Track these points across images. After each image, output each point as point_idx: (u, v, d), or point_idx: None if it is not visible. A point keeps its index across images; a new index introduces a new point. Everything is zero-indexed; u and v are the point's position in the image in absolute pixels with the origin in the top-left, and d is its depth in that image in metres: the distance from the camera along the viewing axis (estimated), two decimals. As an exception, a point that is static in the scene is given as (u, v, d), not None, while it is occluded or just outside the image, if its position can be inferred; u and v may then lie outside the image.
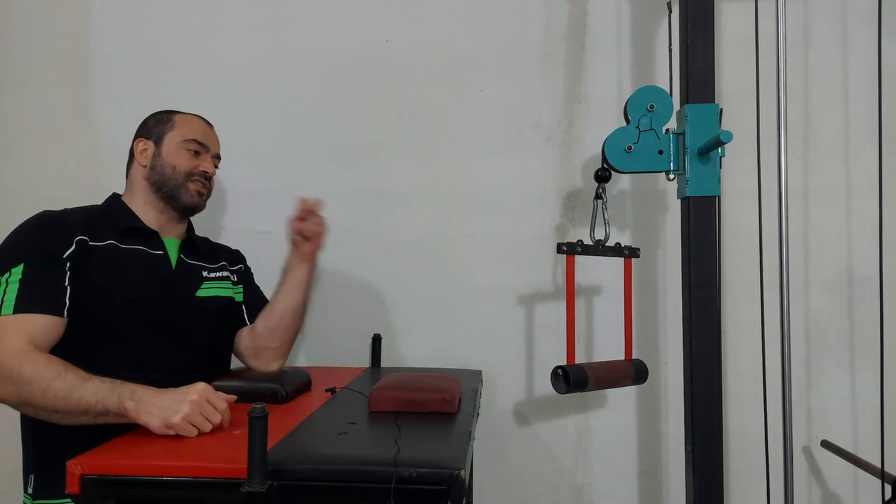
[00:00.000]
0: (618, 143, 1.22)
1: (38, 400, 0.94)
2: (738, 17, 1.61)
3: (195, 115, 1.27)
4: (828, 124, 1.62)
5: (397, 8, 1.69)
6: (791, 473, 1.25)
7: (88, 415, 0.94)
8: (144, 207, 1.20)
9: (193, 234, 1.30)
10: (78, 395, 0.93)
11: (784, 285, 1.25)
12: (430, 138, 1.68)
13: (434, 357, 1.65)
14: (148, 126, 1.24)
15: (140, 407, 0.92)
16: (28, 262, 1.02)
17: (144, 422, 0.91)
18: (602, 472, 1.64)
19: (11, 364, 0.95)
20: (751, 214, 1.43)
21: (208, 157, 1.25)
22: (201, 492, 0.78)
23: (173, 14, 1.71)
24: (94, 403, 0.93)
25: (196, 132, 1.23)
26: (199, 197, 1.23)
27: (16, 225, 1.08)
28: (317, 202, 1.24)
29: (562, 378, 1.24)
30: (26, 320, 0.99)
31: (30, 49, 1.72)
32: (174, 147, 1.21)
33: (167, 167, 1.19)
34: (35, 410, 0.96)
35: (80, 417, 0.95)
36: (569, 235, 1.65)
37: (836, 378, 1.61)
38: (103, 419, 0.95)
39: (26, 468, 1.09)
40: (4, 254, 1.05)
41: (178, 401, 0.92)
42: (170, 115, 1.25)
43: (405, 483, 0.75)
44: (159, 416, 0.91)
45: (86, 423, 0.95)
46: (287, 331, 1.29)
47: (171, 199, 1.20)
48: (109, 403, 0.93)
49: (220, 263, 1.30)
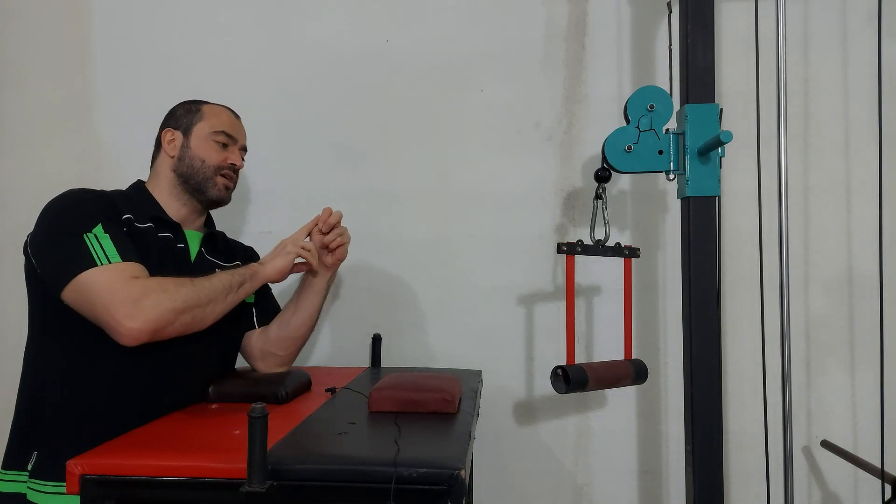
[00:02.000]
0: (618, 143, 1.22)
1: (195, 299, 1.02)
2: (738, 17, 1.60)
3: (223, 106, 1.26)
4: (828, 124, 1.62)
5: (397, 8, 1.69)
6: (791, 473, 1.25)
7: (232, 290, 1.09)
8: (168, 198, 1.20)
9: (214, 229, 1.30)
10: (218, 279, 1.08)
11: (784, 285, 1.25)
12: (430, 138, 1.68)
13: (434, 357, 1.65)
14: (176, 116, 1.23)
15: (264, 261, 1.17)
16: (105, 222, 1.04)
17: (274, 266, 1.16)
18: (602, 472, 1.64)
19: (151, 288, 0.99)
20: (751, 214, 1.43)
21: (236, 149, 1.24)
22: (201, 492, 0.78)
23: (173, 14, 1.71)
24: (231, 277, 1.09)
25: (225, 123, 1.22)
26: (225, 191, 1.23)
27: (16, 225, 1.08)
28: (339, 215, 1.27)
29: (562, 378, 1.24)
30: (135, 267, 1.02)
31: (30, 49, 1.72)
32: (203, 139, 1.20)
33: (196, 159, 1.19)
34: (193, 313, 1.03)
35: (228, 297, 1.08)
36: (569, 235, 1.64)
37: (836, 378, 1.61)
38: (244, 291, 1.12)
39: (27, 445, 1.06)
40: (73, 217, 1.04)
41: (282, 245, 1.19)
42: (198, 105, 1.23)
43: (405, 483, 0.75)
44: (283, 255, 1.17)
45: (233, 303, 1.10)
46: (298, 341, 1.31)
47: (198, 192, 1.19)
48: (242, 272, 1.12)
49: (234, 263, 1.29)
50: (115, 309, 0.96)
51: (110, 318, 0.97)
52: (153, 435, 0.91)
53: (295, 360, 1.35)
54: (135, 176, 1.25)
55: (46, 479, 1.02)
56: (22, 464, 1.05)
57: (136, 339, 0.97)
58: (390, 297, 1.67)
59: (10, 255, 1.07)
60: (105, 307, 0.97)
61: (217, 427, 0.97)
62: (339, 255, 1.29)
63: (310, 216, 1.37)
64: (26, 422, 1.08)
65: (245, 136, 1.29)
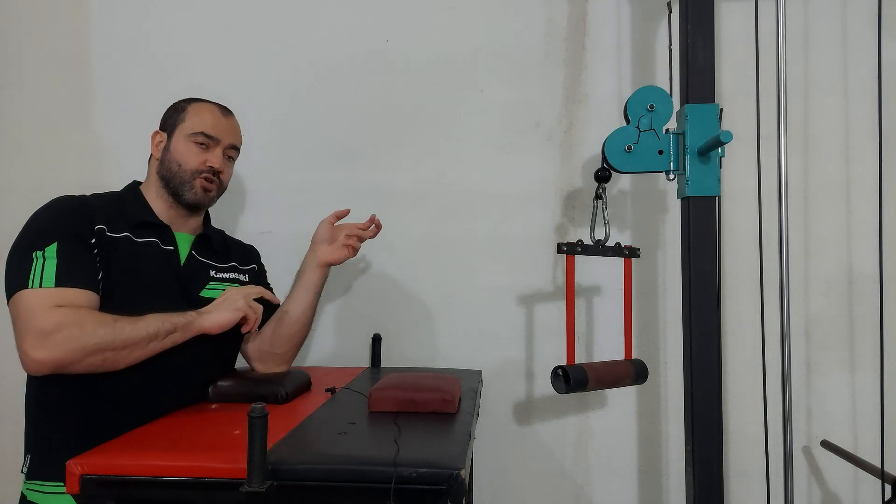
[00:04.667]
0: (618, 143, 1.22)
1: (108, 343, 0.97)
2: (738, 17, 1.60)
3: (210, 103, 1.23)
4: (828, 124, 1.62)
5: (397, 8, 1.69)
6: (791, 473, 1.25)
7: (158, 338, 1.02)
8: (157, 200, 1.19)
9: (209, 230, 1.28)
10: (144, 324, 1.01)
11: (784, 285, 1.25)
12: (430, 138, 1.68)
13: (434, 357, 1.65)
14: (165, 116, 1.23)
15: (207, 310, 1.08)
16: (61, 241, 1.02)
17: (215, 320, 1.06)
18: (602, 472, 1.64)
19: (67, 323, 0.95)
20: (751, 214, 1.43)
21: (218, 150, 1.20)
22: (201, 492, 0.78)
23: (173, 14, 1.70)
24: (160, 324, 1.02)
25: (205, 123, 1.19)
26: (204, 193, 1.19)
27: (16, 225, 1.08)
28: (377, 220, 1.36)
29: (562, 378, 1.24)
30: (68, 293, 0.99)
31: (30, 49, 1.72)
32: (182, 141, 1.18)
33: (173, 163, 1.17)
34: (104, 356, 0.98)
35: (150, 344, 1.01)
36: (569, 235, 1.64)
37: (836, 378, 1.61)
38: (171, 340, 1.04)
39: (26, 448, 1.09)
40: (35, 233, 1.04)
41: (232, 297, 1.10)
42: (185, 104, 1.22)
43: (405, 483, 0.75)
44: (230, 310, 1.08)
45: (156, 350, 1.02)
46: (293, 339, 1.30)
47: (176, 195, 1.18)
48: (176, 320, 1.04)
49: (230, 263, 1.28)
50: (25, 336, 0.96)
51: (20, 343, 0.96)
52: (153, 435, 0.91)
53: (294, 359, 1.34)
54: (134, 176, 1.25)
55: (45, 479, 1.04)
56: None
57: (37, 371, 0.97)
58: (390, 297, 1.67)
59: (10, 254, 1.06)
60: (19, 331, 0.97)
61: (217, 427, 0.97)
62: (355, 251, 1.33)
63: (310, 216, 1.38)
64: (28, 426, 1.10)
65: (234, 135, 1.25)
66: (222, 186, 1.24)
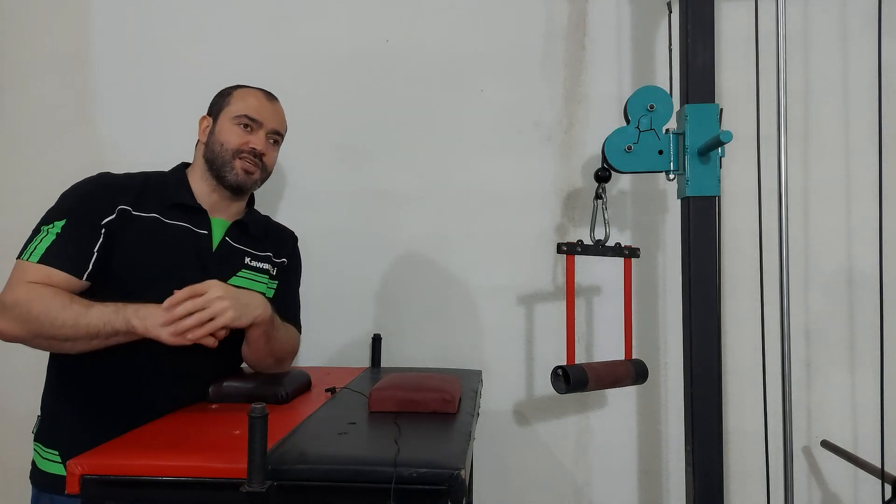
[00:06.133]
0: (618, 143, 1.22)
1: (49, 331, 0.98)
2: (738, 17, 1.60)
3: (256, 89, 1.24)
4: (828, 124, 1.62)
5: (397, 8, 1.69)
6: (791, 473, 1.25)
7: (99, 338, 0.99)
8: (200, 183, 1.20)
9: (249, 216, 1.27)
10: (85, 322, 0.98)
11: (784, 285, 1.25)
12: (431, 138, 1.68)
13: (434, 357, 1.65)
14: (212, 102, 1.25)
15: (147, 323, 0.98)
16: (69, 220, 1.06)
17: (155, 336, 0.98)
18: (602, 472, 1.64)
19: (21, 301, 0.98)
20: (751, 214, 1.43)
21: (261, 133, 1.20)
22: (201, 492, 0.78)
23: (173, 14, 1.70)
24: (101, 326, 0.98)
25: (249, 107, 1.20)
26: (245, 175, 1.18)
27: (16, 225, 1.09)
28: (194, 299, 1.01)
29: (562, 378, 1.24)
30: (46, 271, 1.02)
31: (30, 49, 1.72)
32: (227, 122, 1.19)
33: (216, 144, 1.18)
34: (49, 343, 1.01)
35: (91, 342, 0.99)
36: (569, 235, 1.64)
37: (836, 378, 1.61)
38: (115, 340, 1.00)
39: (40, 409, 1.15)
40: (56, 207, 1.09)
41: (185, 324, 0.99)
42: (232, 89, 1.24)
43: (405, 483, 0.75)
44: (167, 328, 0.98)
45: (98, 347, 1.00)
46: (270, 368, 1.22)
47: (219, 177, 1.19)
48: (117, 324, 0.98)
49: (266, 252, 1.27)
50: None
51: None
52: (153, 435, 0.91)
53: (289, 365, 1.30)
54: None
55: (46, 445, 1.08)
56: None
57: (2, 339, 1.01)
58: (390, 297, 1.67)
59: (11, 254, 1.06)
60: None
61: (217, 427, 0.97)
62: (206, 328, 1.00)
63: (309, 216, 1.37)
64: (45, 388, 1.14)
65: (278, 120, 1.25)
66: (266, 170, 1.24)
